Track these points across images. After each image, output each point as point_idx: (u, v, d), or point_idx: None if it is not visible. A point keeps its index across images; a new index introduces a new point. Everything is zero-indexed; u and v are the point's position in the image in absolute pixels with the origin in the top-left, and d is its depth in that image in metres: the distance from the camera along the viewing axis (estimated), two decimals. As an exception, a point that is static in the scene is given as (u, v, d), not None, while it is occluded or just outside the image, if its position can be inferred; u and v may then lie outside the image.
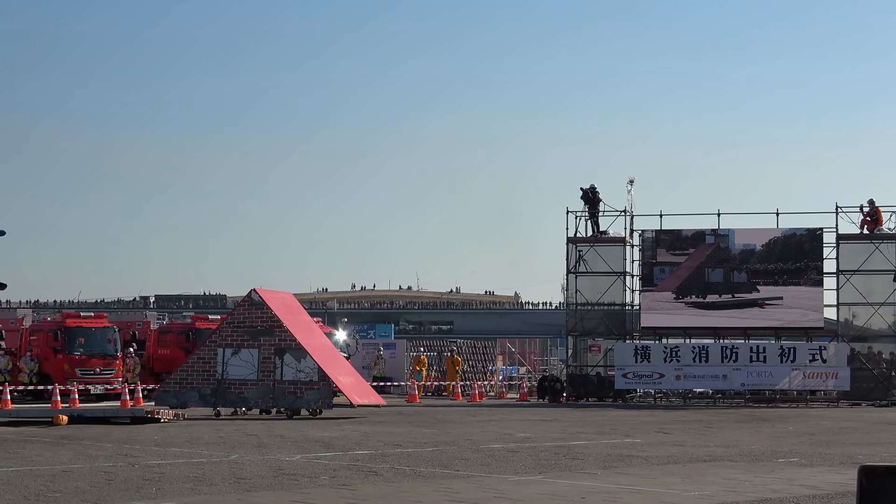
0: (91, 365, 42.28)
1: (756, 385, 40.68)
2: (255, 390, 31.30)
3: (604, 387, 42.59)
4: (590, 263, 43.23)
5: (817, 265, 41.95)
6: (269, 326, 31.54)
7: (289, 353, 31.30)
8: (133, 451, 20.86)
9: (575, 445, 22.69)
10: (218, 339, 32.06)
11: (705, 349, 41.09)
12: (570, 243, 43.47)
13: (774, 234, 42.23)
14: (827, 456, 20.76)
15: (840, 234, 41.71)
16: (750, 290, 42.17)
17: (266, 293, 32.47)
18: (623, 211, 43.55)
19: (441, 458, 19.72)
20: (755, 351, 40.57)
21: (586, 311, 43.22)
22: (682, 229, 43.22)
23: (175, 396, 31.63)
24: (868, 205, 41.53)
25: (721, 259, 42.54)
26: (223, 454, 20.48)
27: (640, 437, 24.92)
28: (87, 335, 42.91)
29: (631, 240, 43.48)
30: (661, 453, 21.06)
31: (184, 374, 32.03)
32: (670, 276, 42.73)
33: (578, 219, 43.62)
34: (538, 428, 27.78)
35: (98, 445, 22.17)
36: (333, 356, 34.01)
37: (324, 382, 31.19)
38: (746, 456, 20.83)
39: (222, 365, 31.48)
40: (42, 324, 45.34)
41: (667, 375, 40.83)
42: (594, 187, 43.71)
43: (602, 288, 43.00)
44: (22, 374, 41.23)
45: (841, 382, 40.18)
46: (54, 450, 21.40)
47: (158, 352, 45.84)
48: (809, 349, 40.51)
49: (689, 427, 28.61)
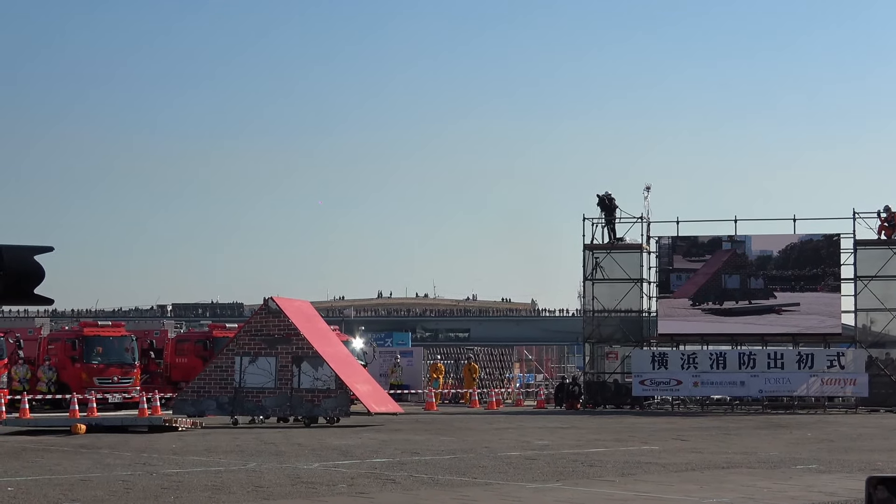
0: (109, 374, 42.38)
1: (774, 391, 40.58)
2: (272, 398, 31.35)
3: (621, 394, 42.54)
4: (607, 270, 43.16)
5: (834, 271, 41.81)
6: (286, 335, 31.59)
7: (306, 361, 31.33)
8: (151, 460, 20.92)
9: (593, 453, 22.67)
10: (235, 347, 32.12)
11: (723, 356, 40.99)
12: (587, 250, 43.43)
13: (791, 241, 42.12)
14: (845, 462, 20.70)
15: (857, 240, 41.59)
16: (767, 296, 42.06)
17: (283, 301, 32.52)
18: (640, 217, 43.54)
19: (459, 466, 19.72)
20: (773, 357, 40.47)
21: (603, 318, 43.15)
22: (699, 236, 43.13)
23: (193, 405, 31.70)
24: (885, 211, 41.42)
25: (738, 265, 42.43)
26: (241, 462, 20.52)
27: (657, 444, 24.88)
28: (105, 344, 43.04)
29: (648, 246, 43.42)
30: (679, 460, 21.03)
31: (201, 382, 32.10)
32: (687, 282, 42.64)
33: (595, 226, 43.61)
34: (556, 435, 27.76)
35: (116, 454, 22.24)
36: (350, 364, 34.03)
37: (341, 390, 31.22)
38: (765, 463, 20.79)
39: (240, 373, 31.53)
40: (60, 333, 45.51)
41: (684, 382, 40.76)
42: (610, 194, 43.68)
43: (619, 295, 42.93)
44: (40, 383, 41.37)
45: (859, 389, 40.05)
46: (73, 458, 21.47)
47: (176, 360, 45.94)
48: (827, 355, 40.39)
49: (707, 434, 28.55)
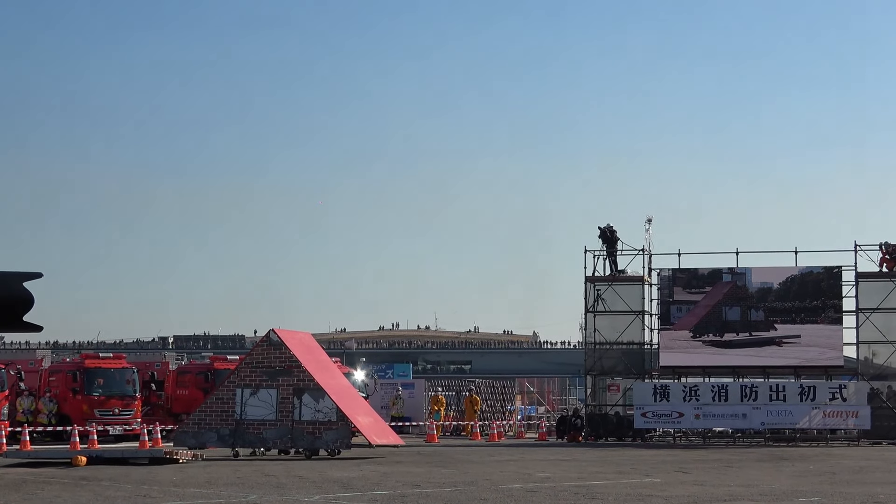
0: (110, 406, 42.36)
1: (776, 424, 40.51)
2: (273, 430, 31.30)
3: (623, 426, 42.47)
4: (608, 302, 43.17)
5: (835, 303, 41.84)
6: (287, 367, 31.57)
7: (307, 393, 31.30)
8: (151, 492, 20.87)
9: (594, 485, 22.61)
10: (236, 379, 32.09)
11: (724, 388, 40.97)
12: (589, 282, 43.47)
13: (791, 273, 42.17)
14: (848, 495, 20.64)
15: (859, 272, 41.63)
16: (767, 328, 42.07)
17: (284, 333, 32.53)
18: (641, 250, 43.59)
19: (460, 499, 19.67)
20: (775, 390, 40.44)
21: (605, 351, 43.13)
22: (699, 268, 43.19)
23: (193, 437, 31.64)
24: (886, 246, 41.53)
25: (738, 297, 42.45)
26: (242, 495, 20.48)
27: (659, 477, 24.82)
28: (106, 376, 43.03)
29: (649, 279, 43.46)
30: (680, 493, 20.98)
31: (202, 414, 32.04)
32: (687, 314, 42.65)
33: (597, 258, 43.65)
34: (557, 468, 27.69)
35: (117, 486, 22.19)
36: (352, 396, 33.99)
37: (342, 422, 31.17)
38: (767, 495, 20.73)
39: (241, 405, 31.49)
40: (61, 365, 45.49)
41: (686, 415, 40.72)
42: (612, 226, 43.75)
43: (621, 327, 42.93)
44: (41, 414, 41.35)
45: (861, 421, 40.00)
46: (73, 491, 21.42)
47: (177, 392, 45.89)
48: (829, 388, 40.37)
49: (709, 466, 28.48)
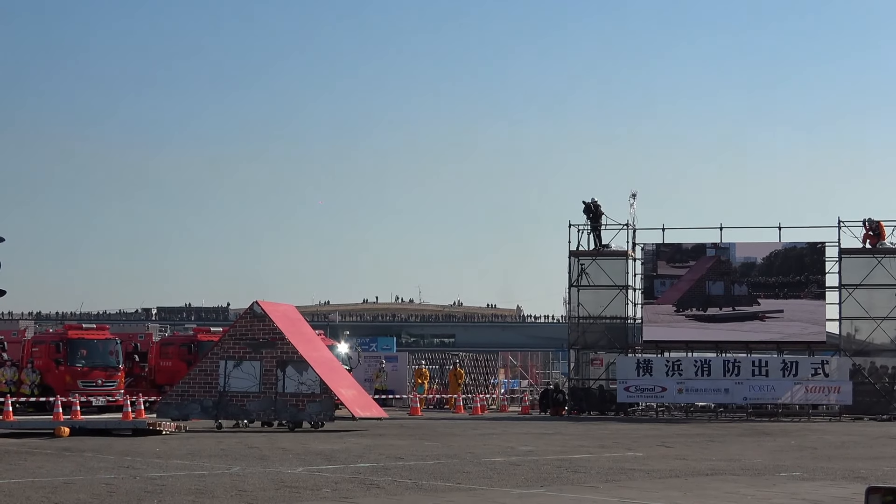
0: (93, 377, 42.31)
1: (758, 399, 40.66)
2: (256, 402, 31.31)
3: (606, 400, 42.56)
4: (592, 277, 43.18)
5: (818, 279, 41.92)
6: (271, 339, 31.56)
7: (291, 365, 31.31)
8: (135, 464, 20.86)
9: (577, 459, 22.68)
10: (220, 351, 32.08)
11: (707, 363, 41.08)
12: (573, 257, 43.45)
13: (775, 248, 42.23)
14: (829, 470, 20.75)
15: (842, 249, 41.71)
16: (750, 302, 42.14)
17: (268, 305, 32.50)
18: (625, 224, 43.57)
19: (443, 471, 19.71)
20: (757, 365, 40.57)
21: (588, 325, 43.17)
22: (683, 242, 43.21)
23: (177, 408, 31.65)
24: (869, 222, 41.58)
25: (722, 272, 42.50)
26: (225, 466, 20.48)
27: (642, 451, 24.90)
28: (90, 347, 42.97)
29: (633, 253, 43.46)
30: (663, 467, 21.05)
31: (186, 386, 32.05)
32: (671, 288, 42.69)
33: (581, 232, 43.61)
34: (540, 441, 27.76)
35: (99, 457, 22.17)
36: (335, 369, 34.00)
37: (326, 395, 31.20)
38: (749, 470, 20.82)
39: (224, 377, 31.49)
40: (44, 335, 45.36)
41: (669, 389, 40.84)
42: (596, 201, 43.70)
43: (604, 301, 42.93)
44: (24, 385, 41.27)
45: (843, 397, 40.19)
46: (56, 461, 21.40)
47: (160, 364, 45.89)
48: (812, 363, 40.52)
49: (692, 441, 28.59)
